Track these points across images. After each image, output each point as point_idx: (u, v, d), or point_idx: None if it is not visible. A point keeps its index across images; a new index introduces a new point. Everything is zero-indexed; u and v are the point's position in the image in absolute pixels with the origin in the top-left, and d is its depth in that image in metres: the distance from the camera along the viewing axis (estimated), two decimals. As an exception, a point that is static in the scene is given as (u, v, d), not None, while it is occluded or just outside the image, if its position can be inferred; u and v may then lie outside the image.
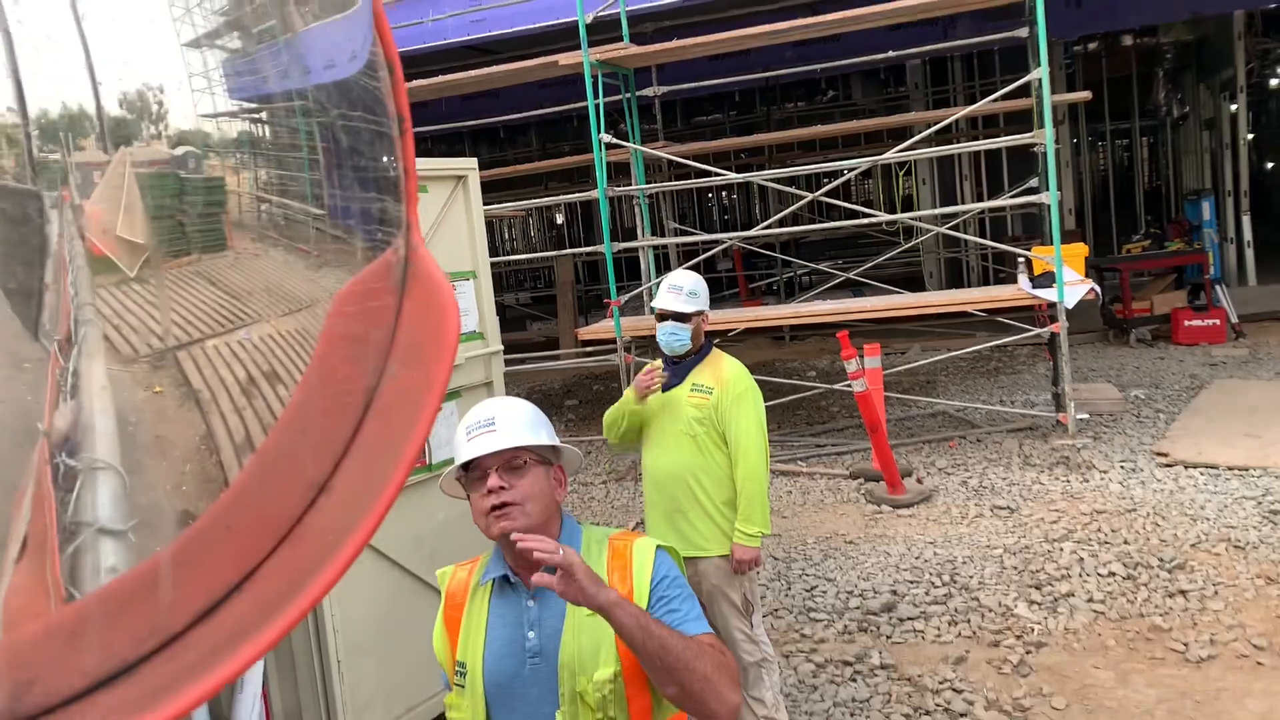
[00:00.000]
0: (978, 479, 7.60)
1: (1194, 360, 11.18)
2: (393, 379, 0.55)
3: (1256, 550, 5.72)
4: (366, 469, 0.53)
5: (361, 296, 0.63)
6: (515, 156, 20.68)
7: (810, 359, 13.55)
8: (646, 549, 2.10)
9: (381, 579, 4.43)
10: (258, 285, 0.73)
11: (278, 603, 0.51)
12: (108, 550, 0.58)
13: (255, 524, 0.55)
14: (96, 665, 0.48)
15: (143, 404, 0.66)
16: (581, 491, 8.65)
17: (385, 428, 0.54)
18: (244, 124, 0.74)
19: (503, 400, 2.20)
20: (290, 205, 0.74)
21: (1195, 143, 17.80)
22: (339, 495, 0.53)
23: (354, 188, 0.69)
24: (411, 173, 0.62)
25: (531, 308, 20.15)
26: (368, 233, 0.68)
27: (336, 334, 0.63)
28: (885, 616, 5.44)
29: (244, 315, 0.72)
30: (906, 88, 17.82)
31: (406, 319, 0.59)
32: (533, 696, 2.01)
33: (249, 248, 0.75)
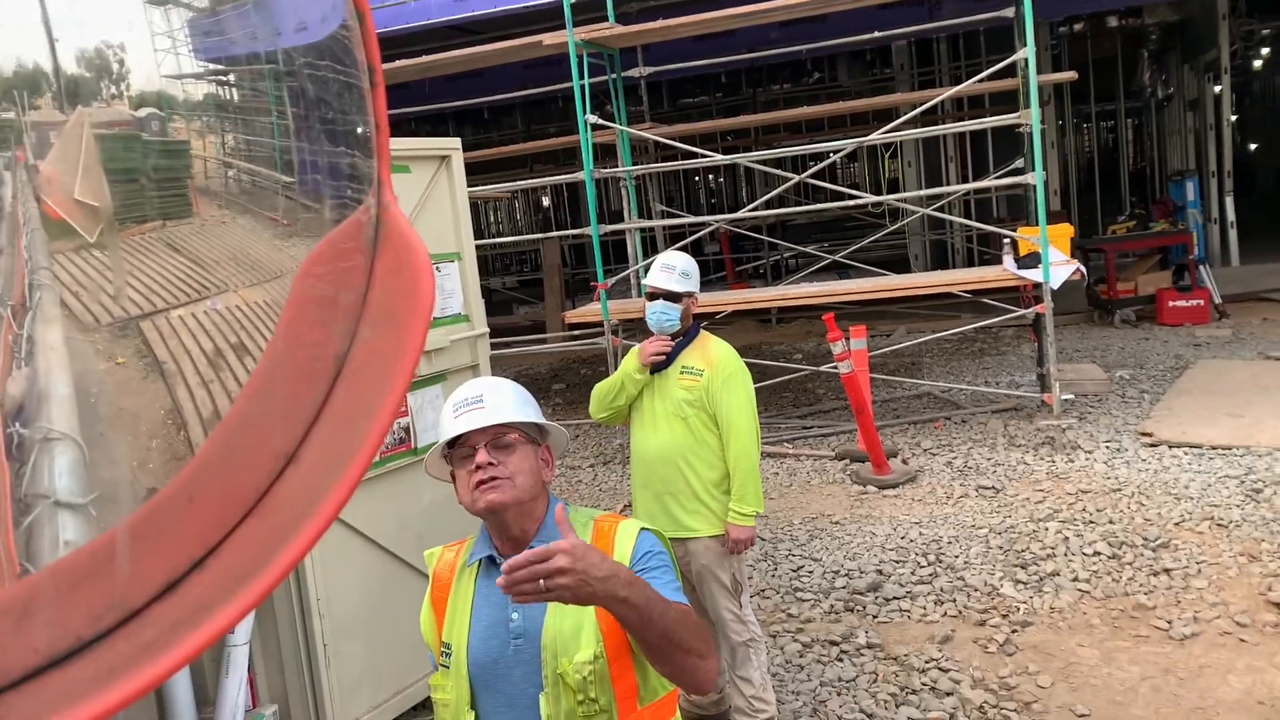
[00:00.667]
0: (963, 459, 7.63)
1: (1178, 341, 11.23)
2: (364, 343, 0.54)
3: (1239, 528, 5.75)
4: (337, 437, 0.51)
5: (330, 257, 0.61)
6: (500, 138, 20.57)
7: (797, 341, 13.55)
8: (631, 529, 2.08)
9: (367, 563, 4.42)
10: (224, 254, 0.71)
11: (243, 577, 0.49)
12: (66, 524, 0.56)
13: (219, 496, 0.54)
14: (50, 643, 0.47)
15: (104, 375, 0.64)
16: (569, 475, 8.64)
17: (356, 394, 0.52)
18: (210, 86, 0.72)
19: (490, 379, 2.19)
20: (259, 171, 0.71)
21: (1180, 124, 17.84)
22: (308, 465, 0.52)
23: (321, 141, 0.67)
24: (383, 128, 0.60)
25: (518, 291, 20.08)
26: (336, 190, 0.66)
27: (304, 297, 0.61)
28: (871, 596, 5.46)
29: (210, 285, 0.70)
30: (892, 69, 17.79)
31: (379, 280, 0.57)
32: (516, 677, 2.01)
33: (215, 214, 0.73)
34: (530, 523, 2.07)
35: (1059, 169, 16.69)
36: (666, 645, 1.82)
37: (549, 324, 14.83)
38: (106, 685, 0.45)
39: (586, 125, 8.99)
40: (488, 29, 13.47)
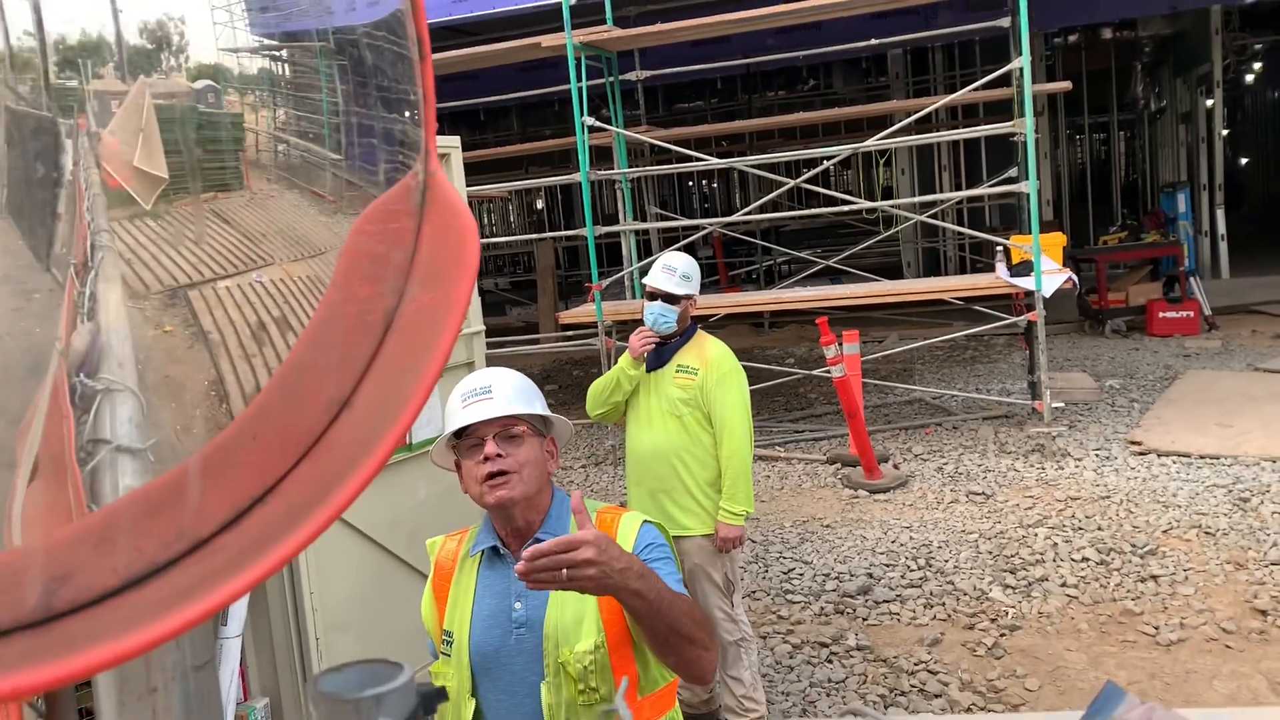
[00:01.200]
0: (953, 465, 7.67)
1: (1168, 351, 11.30)
2: (413, 300, 0.56)
3: (1226, 536, 5.80)
4: (387, 387, 0.53)
5: (382, 217, 0.64)
6: (496, 139, 20.59)
7: (789, 346, 13.60)
8: (633, 522, 2.10)
9: (360, 558, 4.43)
10: (271, 228, 0.73)
11: (304, 510, 0.51)
12: (126, 468, 0.58)
13: (278, 437, 0.56)
14: (127, 565, 0.49)
15: (151, 342, 0.66)
16: (560, 476, 8.66)
17: (406, 347, 0.54)
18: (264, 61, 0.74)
19: (496, 369, 2.20)
20: (309, 148, 0.74)
21: (1172, 136, 17.97)
22: (360, 412, 0.54)
23: (377, 108, 0.69)
24: (430, 99, 0.62)
25: (512, 293, 20.10)
26: (390, 155, 0.68)
27: (357, 252, 0.63)
28: (861, 599, 5.49)
29: (257, 257, 0.72)
30: (887, 77, 17.87)
31: (425, 242, 0.59)
32: (518, 666, 2.02)
33: (265, 188, 0.75)
34: (535, 514, 2.08)
35: (1052, 179, 16.80)
36: (673, 636, 1.84)
37: (542, 325, 14.85)
38: (181, 604, 0.48)
39: (583, 127, 9.02)
40: (485, 30, 13.49)
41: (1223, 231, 15.06)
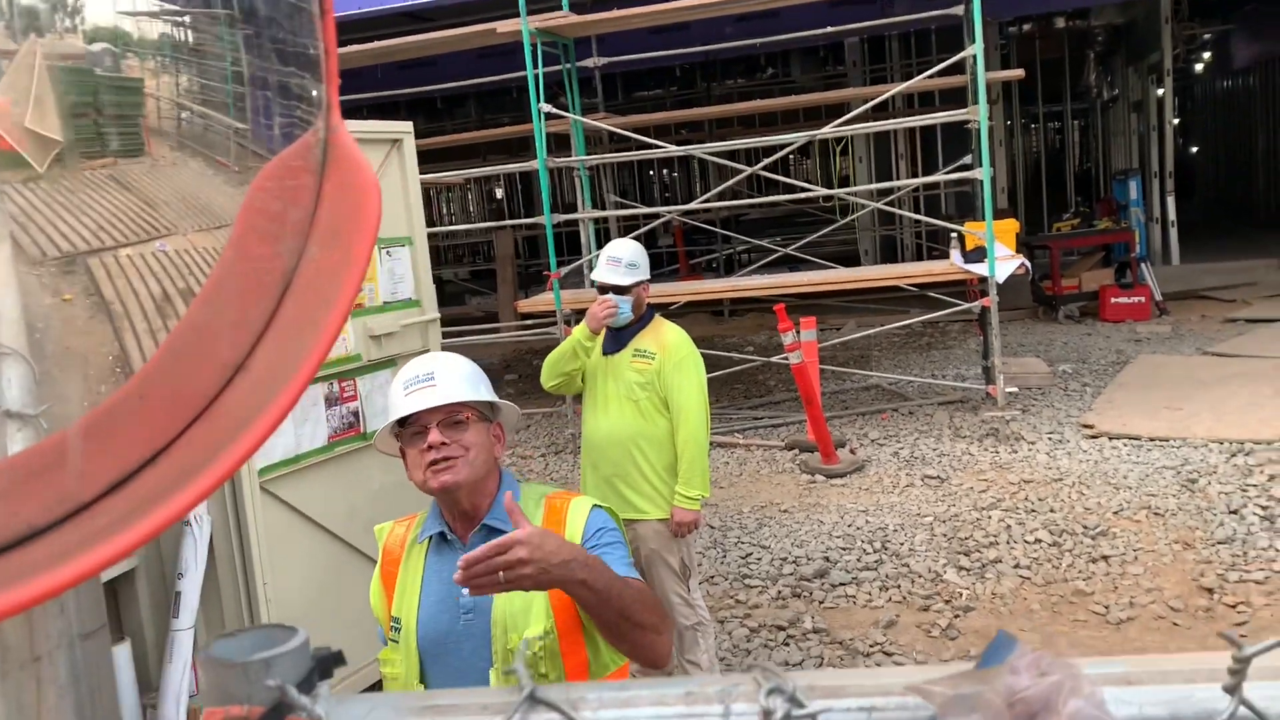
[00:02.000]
0: (909, 450, 7.75)
1: (1120, 336, 11.48)
2: (312, 260, 0.54)
3: (1175, 517, 5.91)
4: (284, 349, 0.52)
5: (280, 174, 0.62)
6: (454, 127, 20.43)
7: (749, 334, 13.65)
8: (582, 507, 2.09)
9: (315, 548, 4.39)
10: (175, 196, 0.71)
11: (191, 472, 0.51)
12: (15, 434, 0.57)
13: (170, 400, 0.55)
14: (3, 529, 0.48)
15: (50, 311, 0.65)
16: (520, 465, 8.64)
17: (303, 308, 0.53)
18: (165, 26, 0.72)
19: (440, 355, 2.18)
20: (212, 115, 0.72)
21: (1124, 124, 18.23)
22: (256, 374, 0.53)
23: (272, 60, 0.68)
24: (332, 53, 0.61)
25: (471, 282, 19.98)
26: (288, 110, 0.67)
27: (255, 210, 0.62)
28: (818, 582, 5.53)
29: (160, 226, 0.70)
30: (845, 65, 17.95)
31: (326, 200, 0.58)
32: (466, 652, 2.01)
33: (167, 156, 0.73)
34: (482, 499, 2.07)
35: (1007, 167, 16.98)
36: (623, 623, 1.83)
37: (502, 314, 14.79)
38: (56, 565, 0.47)
39: (540, 114, 8.97)
40: (441, 16, 13.37)
41: (1173, 218, 15.31)
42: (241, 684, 0.55)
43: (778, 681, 0.52)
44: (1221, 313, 12.25)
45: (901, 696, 0.54)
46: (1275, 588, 4.97)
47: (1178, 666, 0.56)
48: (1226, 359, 9.64)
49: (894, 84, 12.50)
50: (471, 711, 0.54)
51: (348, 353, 4.55)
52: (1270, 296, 12.64)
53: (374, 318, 4.68)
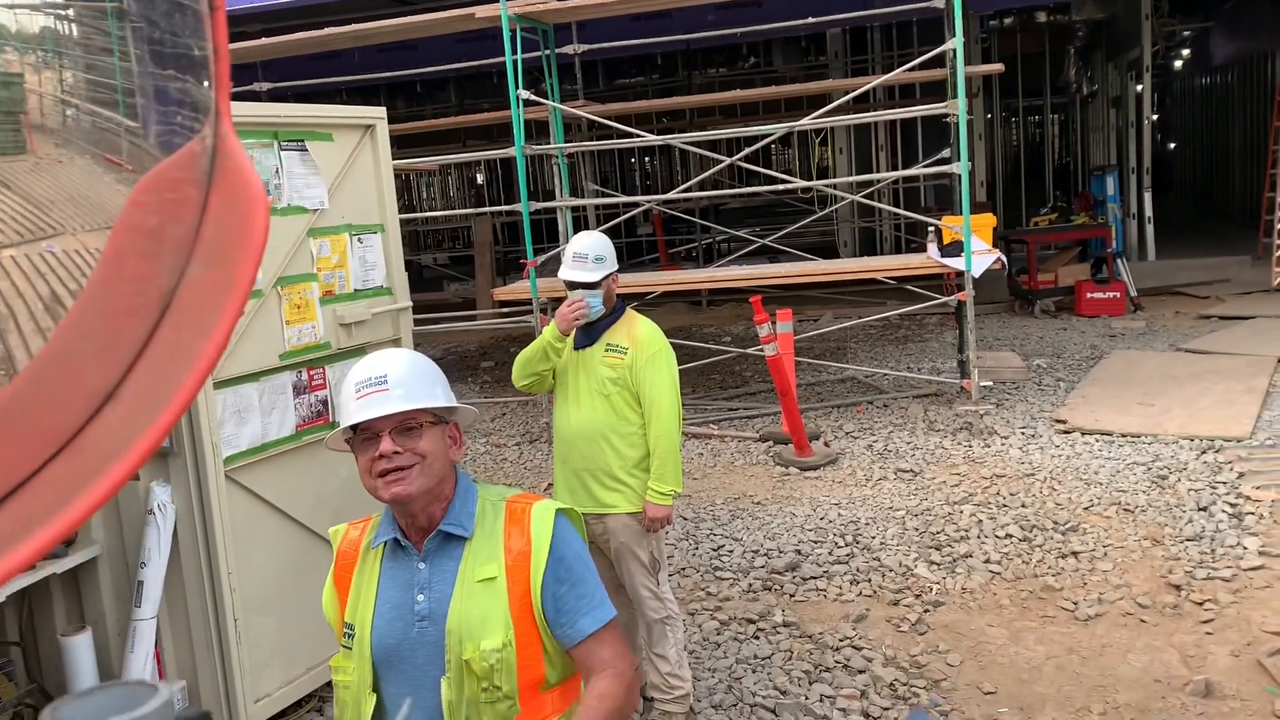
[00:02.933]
0: (883, 443, 7.75)
1: (1094, 331, 11.54)
2: (194, 280, 0.51)
3: (1144, 513, 5.94)
4: (157, 376, 0.49)
5: (159, 187, 0.58)
6: (434, 112, 20.27)
7: (726, 324, 13.63)
8: (545, 515, 2.03)
9: (281, 538, 4.34)
10: (62, 195, 0.67)
11: (40, 517, 0.47)
12: None
13: (27, 434, 0.51)
14: None
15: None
16: (494, 453, 8.60)
17: (180, 333, 0.49)
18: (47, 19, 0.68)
19: (393, 354, 2.08)
20: (100, 113, 0.68)
21: (1103, 120, 18.30)
22: (126, 405, 0.49)
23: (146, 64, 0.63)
24: (223, 55, 0.57)
25: (449, 268, 19.86)
26: (171, 117, 0.63)
27: (133, 227, 0.58)
28: (789, 575, 5.52)
29: (47, 226, 0.66)
30: (826, 56, 17.92)
31: (212, 215, 0.54)
32: (419, 660, 1.97)
33: (52, 153, 0.69)
34: (437, 505, 2.02)
35: (986, 162, 17.01)
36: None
37: (479, 301, 14.72)
38: None
39: (519, 100, 8.90)
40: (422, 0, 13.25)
41: (1150, 214, 15.38)
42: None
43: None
44: (1196, 309, 12.32)
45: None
46: (1242, 585, 5.00)
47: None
48: (1199, 355, 9.70)
49: (874, 76, 12.48)
50: None
51: (317, 340, 4.50)
52: (1244, 293, 12.73)
53: (344, 305, 4.63)
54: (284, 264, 4.31)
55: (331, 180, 4.56)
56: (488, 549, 1.98)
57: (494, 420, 9.63)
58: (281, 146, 4.32)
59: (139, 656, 3.91)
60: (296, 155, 4.40)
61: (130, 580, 3.99)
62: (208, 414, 3.94)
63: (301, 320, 4.42)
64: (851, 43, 17.56)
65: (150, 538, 3.92)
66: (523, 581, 1.95)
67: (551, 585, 1.95)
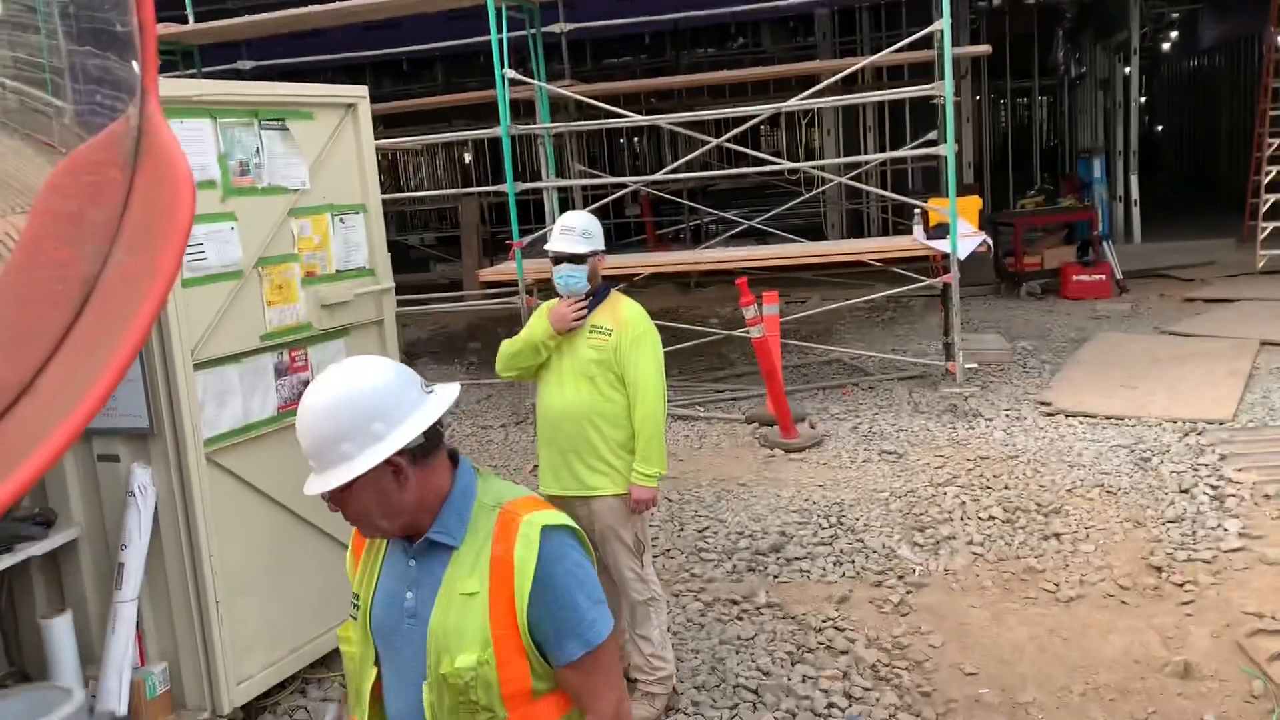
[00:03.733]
0: (868, 425, 7.77)
1: (1080, 314, 11.57)
2: (117, 266, 0.49)
3: (1127, 495, 5.97)
4: (77, 366, 0.47)
5: (78, 170, 0.56)
6: (420, 91, 20.11)
7: (714, 305, 13.61)
8: (531, 535, 1.92)
9: (263, 520, 4.32)
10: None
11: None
12: None
13: None
14: None
15: None
16: (480, 435, 8.58)
17: (102, 321, 0.48)
18: (-30, -1, 0.66)
19: (310, 411, 1.91)
20: (28, 92, 0.65)
21: (1091, 102, 18.28)
22: (42, 396, 0.48)
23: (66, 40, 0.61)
24: (149, 30, 0.54)
25: (436, 249, 19.75)
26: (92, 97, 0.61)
27: (50, 212, 0.56)
28: (773, 557, 5.54)
29: (-28, 207, 0.65)
30: (815, 37, 17.86)
31: (137, 198, 0.52)
32: (407, 654, 1.98)
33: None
34: (424, 516, 1.96)
35: (974, 144, 16.99)
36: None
37: (466, 282, 14.64)
38: None
39: (504, 80, 8.84)
40: (407, -22, 13.10)
41: (1136, 197, 15.41)
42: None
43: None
44: (1181, 292, 12.36)
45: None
46: (1222, 567, 5.03)
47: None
48: (1183, 338, 9.74)
49: (863, 57, 12.43)
50: None
51: (299, 321, 4.47)
52: (1229, 276, 12.77)
53: (326, 286, 4.60)
54: (265, 244, 4.27)
55: (313, 160, 4.52)
56: (471, 560, 1.94)
57: (479, 402, 9.60)
58: (262, 126, 4.28)
59: (120, 639, 3.89)
60: (277, 135, 4.36)
61: (111, 562, 3.97)
62: (188, 396, 3.91)
63: (283, 301, 4.39)
64: (840, 23, 17.50)
65: (131, 520, 3.89)
66: (506, 600, 1.90)
67: (536, 608, 1.90)
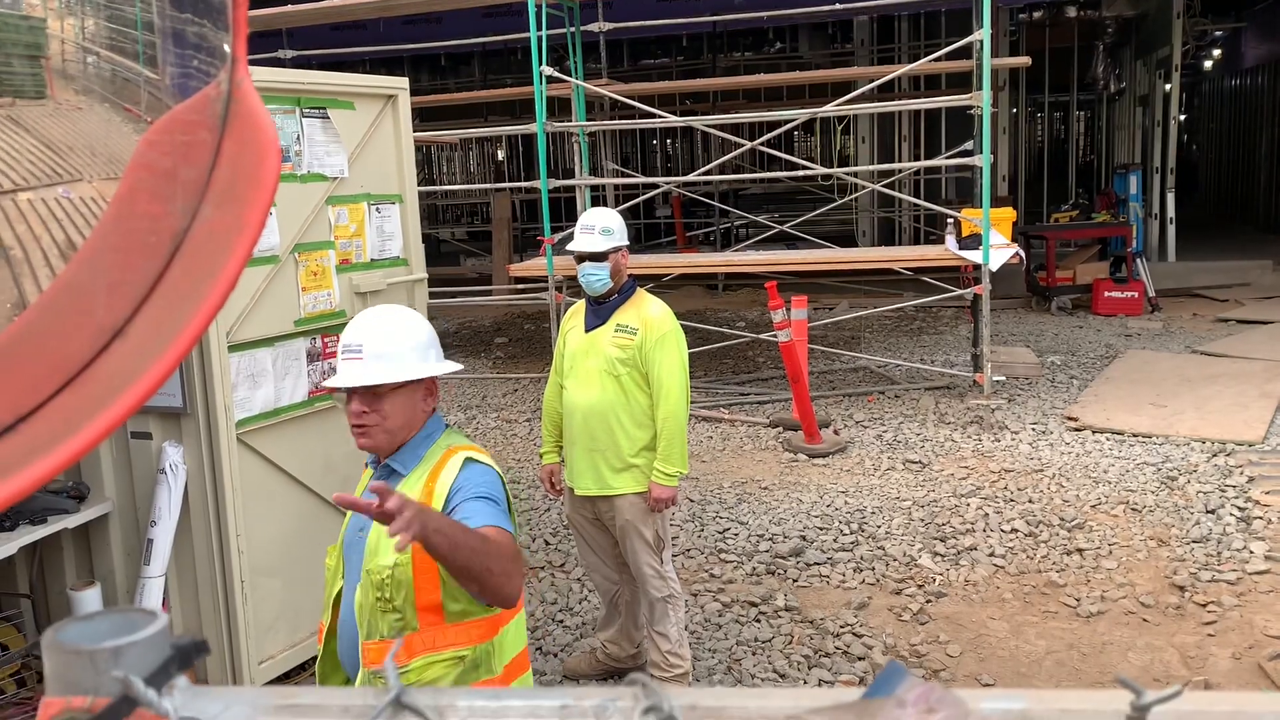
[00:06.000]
0: (893, 433, 7.75)
1: (1110, 330, 11.48)
2: (205, 221, 0.52)
3: (1152, 513, 5.93)
4: (165, 315, 0.50)
5: (172, 129, 0.59)
6: (457, 86, 20.23)
7: (741, 309, 13.62)
8: (455, 462, 2.33)
9: (290, 502, 4.38)
10: (80, 142, 0.68)
11: (47, 444, 0.48)
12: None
13: (37, 365, 0.52)
14: None
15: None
16: (504, 429, 8.63)
17: (191, 272, 0.50)
18: (69, -34, 0.69)
19: (378, 319, 2.38)
20: (120, 61, 0.68)
21: (1129, 118, 18.12)
22: (133, 341, 0.50)
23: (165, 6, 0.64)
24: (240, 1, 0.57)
25: (467, 243, 19.87)
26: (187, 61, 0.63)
27: (146, 167, 0.59)
28: (793, 561, 5.54)
29: (63, 171, 0.67)
30: (853, 44, 17.80)
31: (225, 159, 0.55)
32: (355, 562, 2.35)
33: (72, 100, 0.70)
34: (403, 437, 2.36)
35: (1010, 156, 16.88)
36: (468, 569, 2.06)
37: (496, 277, 14.72)
38: None
39: (541, 77, 8.89)
40: (448, -28, 13.19)
41: (1172, 215, 15.26)
42: (88, 673, 0.52)
43: (655, 699, 0.50)
44: (1214, 312, 12.24)
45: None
46: (1247, 589, 4.99)
47: (1082, 705, 0.53)
48: (1215, 358, 9.65)
49: (901, 65, 12.40)
50: (333, 713, 0.52)
51: (332, 308, 4.52)
52: (1263, 298, 12.63)
53: (360, 274, 4.64)
54: (302, 231, 4.33)
55: (352, 149, 4.57)
56: (414, 484, 2.31)
57: (505, 396, 9.66)
58: (303, 113, 4.33)
59: (146, 614, 3.96)
60: (318, 123, 4.41)
61: (140, 538, 4.04)
62: (221, 376, 3.97)
63: (317, 287, 4.44)
64: (879, 31, 17.43)
65: (161, 497, 3.96)
66: None
67: (449, 505, 2.27)
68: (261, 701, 0.51)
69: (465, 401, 9.48)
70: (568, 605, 5.19)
